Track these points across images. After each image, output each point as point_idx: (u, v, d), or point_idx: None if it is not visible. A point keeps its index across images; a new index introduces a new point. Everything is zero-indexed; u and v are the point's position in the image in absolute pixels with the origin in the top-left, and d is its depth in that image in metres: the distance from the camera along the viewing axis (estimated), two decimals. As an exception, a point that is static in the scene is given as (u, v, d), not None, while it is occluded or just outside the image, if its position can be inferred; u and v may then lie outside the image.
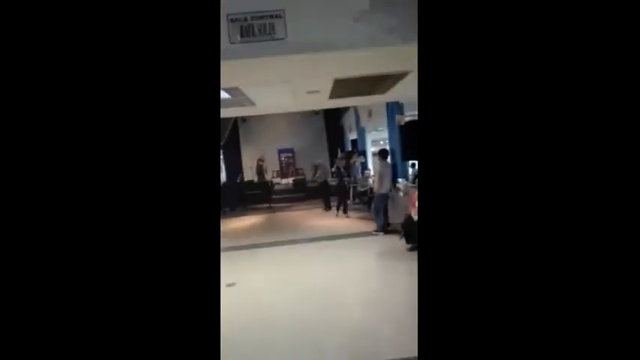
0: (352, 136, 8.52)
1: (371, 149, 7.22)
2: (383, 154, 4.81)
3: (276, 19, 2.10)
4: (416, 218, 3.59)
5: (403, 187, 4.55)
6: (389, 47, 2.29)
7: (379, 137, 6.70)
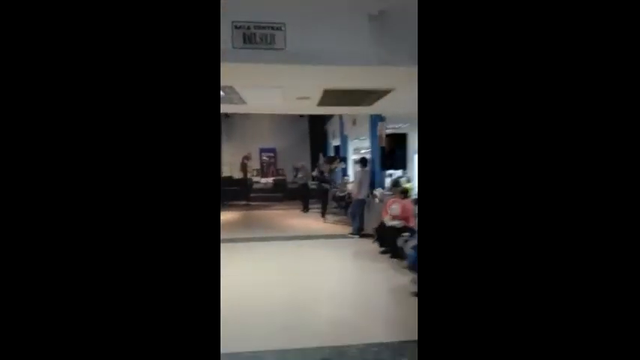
0: (335, 142, 8.78)
1: (352, 157, 7.50)
2: (363, 162, 5.09)
3: (277, 31, 2.29)
4: (388, 224, 3.87)
5: (379, 195, 4.83)
6: (376, 66, 2.55)
7: (361, 146, 7.00)
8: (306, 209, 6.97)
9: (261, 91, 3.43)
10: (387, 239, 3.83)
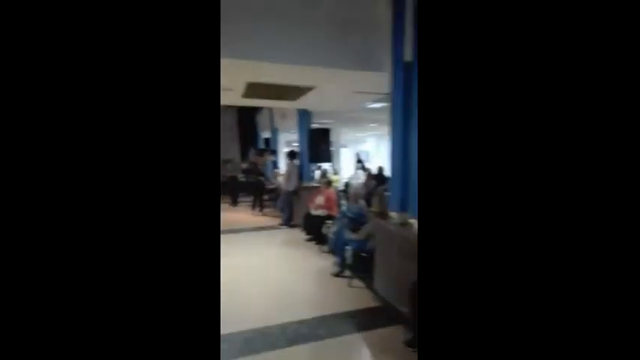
0: (265, 135, 8.74)
1: (284, 149, 7.60)
2: (292, 155, 5.25)
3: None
4: (314, 213, 4.13)
5: (307, 185, 5.08)
6: (297, 65, 2.70)
7: (292, 138, 7.14)
8: (234, 203, 6.83)
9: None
10: (313, 228, 4.09)
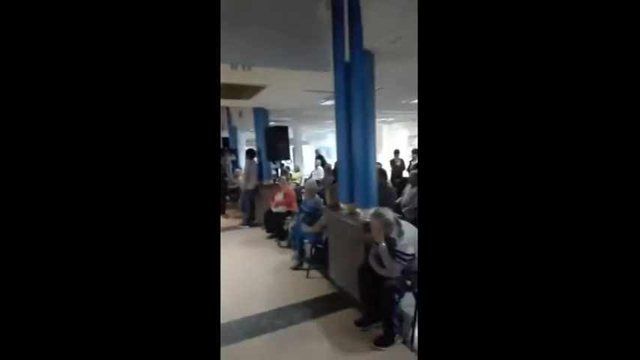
0: (223, 134, 8.55)
1: (245, 148, 7.48)
2: (250, 154, 5.24)
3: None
4: (274, 210, 4.20)
5: (266, 184, 5.11)
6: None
7: (253, 137, 7.05)
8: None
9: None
10: (274, 224, 4.16)
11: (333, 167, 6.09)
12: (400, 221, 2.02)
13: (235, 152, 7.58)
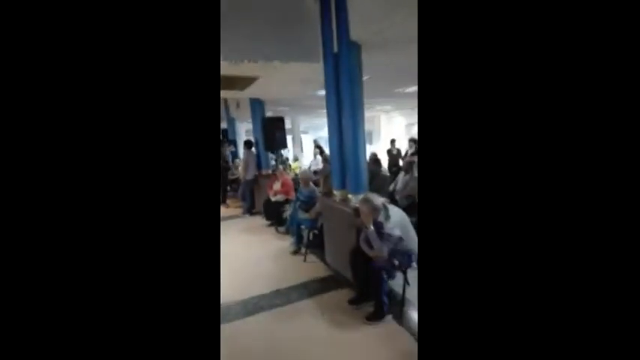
0: (223, 125, 8.61)
1: (244, 139, 7.55)
2: (248, 145, 5.34)
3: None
4: (273, 199, 4.33)
5: (265, 173, 5.22)
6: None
7: (251, 128, 7.10)
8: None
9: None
10: (273, 213, 4.30)
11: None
12: (387, 206, 2.14)
13: (234, 143, 7.67)
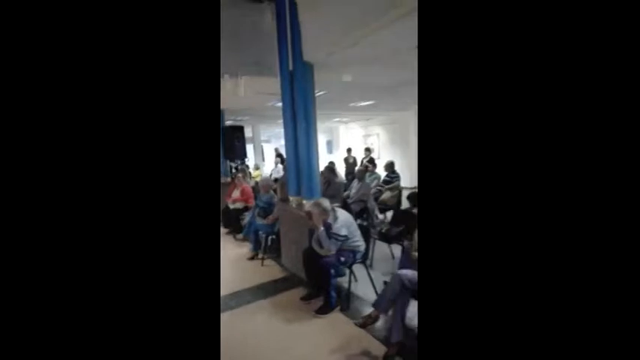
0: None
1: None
2: (207, 153, 5.32)
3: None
4: (232, 207, 4.37)
5: (223, 182, 5.24)
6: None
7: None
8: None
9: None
10: (232, 220, 4.34)
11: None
12: (335, 208, 2.39)
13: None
